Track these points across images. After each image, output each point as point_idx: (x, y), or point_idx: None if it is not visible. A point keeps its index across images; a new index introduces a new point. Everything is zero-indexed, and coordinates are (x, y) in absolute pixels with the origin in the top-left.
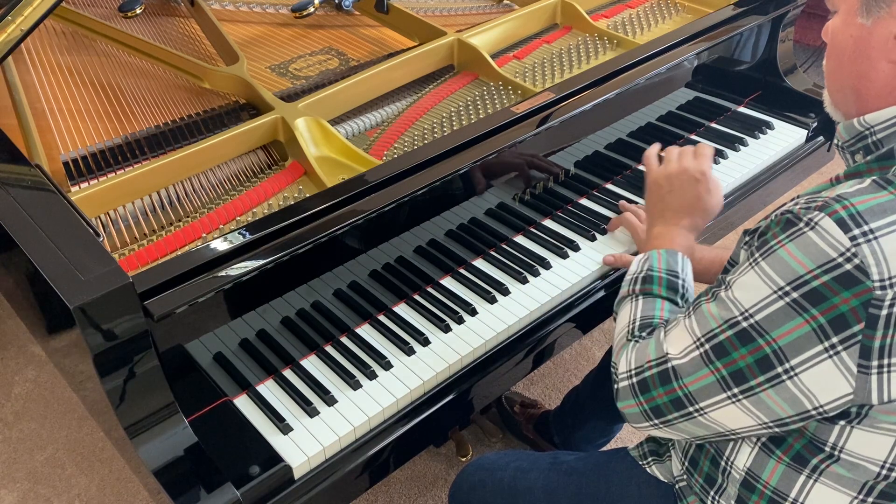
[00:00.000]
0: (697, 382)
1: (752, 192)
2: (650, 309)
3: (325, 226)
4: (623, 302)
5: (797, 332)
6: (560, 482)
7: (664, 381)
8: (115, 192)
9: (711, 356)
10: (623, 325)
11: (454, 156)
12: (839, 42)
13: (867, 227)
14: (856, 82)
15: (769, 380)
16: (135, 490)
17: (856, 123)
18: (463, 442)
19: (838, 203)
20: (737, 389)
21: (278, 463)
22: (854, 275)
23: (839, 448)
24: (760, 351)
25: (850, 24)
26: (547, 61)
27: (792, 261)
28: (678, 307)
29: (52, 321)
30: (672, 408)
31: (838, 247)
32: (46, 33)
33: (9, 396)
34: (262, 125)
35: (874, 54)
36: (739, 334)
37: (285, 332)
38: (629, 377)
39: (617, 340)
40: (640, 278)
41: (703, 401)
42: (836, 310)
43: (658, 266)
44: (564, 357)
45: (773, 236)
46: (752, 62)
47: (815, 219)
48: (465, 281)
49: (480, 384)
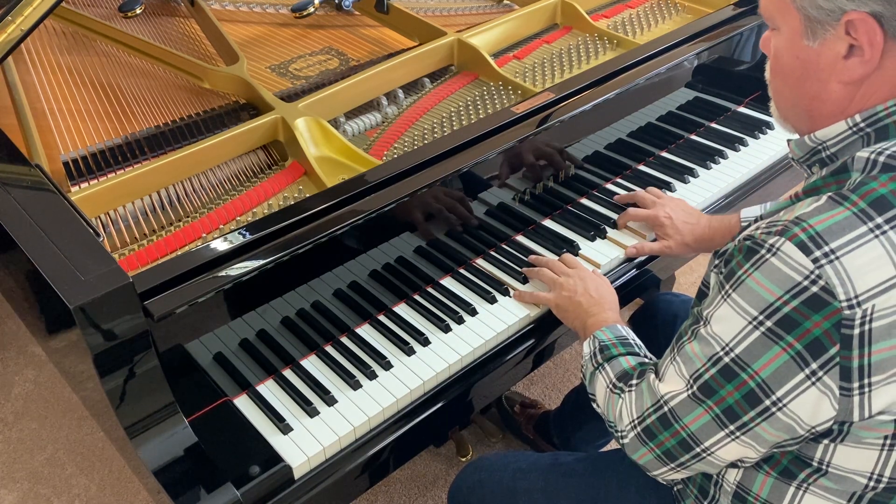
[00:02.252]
0: (696, 422)
1: (751, 192)
2: (618, 366)
3: (325, 226)
4: (592, 377)
5: (776, 361)
6: (559, 483)
7: (665, 424)
8: (115, 192)
9: (700, 395)
10: (603, 391)
11: (454, 156)
12: (785, 63)
13: (827, 247)
14: (808, 103)
15: (760, 414)
16: (135, 490)
17: (807, 140)
18: (463, 442)
19: (797, 226)
20: (732, 426)
21: (278, 463)
22: (821, 297)
23: (826, 463)
24: (745, 386)
25: (795, 45)
26: (547, 61)
27: (760, 289)
28: (641, 356)
29: (52, 321)
30: (681, 450)
31: (802, 270)
32: (46, 33)
33: (9, 396)
34: (262, 125)
35: (823, 76)
36: (723, 371)
37: (285, 332)
38: (633, 427)
39: (605, 403)
40: (597, 351)
41: (706, 441)
42: (809, 334)
43: (606, 337)
44: (564, 357)
45: (739, 265)
46: (752, 62)
47: (776, 244)
48: (465, 281)
49: (480, 384)
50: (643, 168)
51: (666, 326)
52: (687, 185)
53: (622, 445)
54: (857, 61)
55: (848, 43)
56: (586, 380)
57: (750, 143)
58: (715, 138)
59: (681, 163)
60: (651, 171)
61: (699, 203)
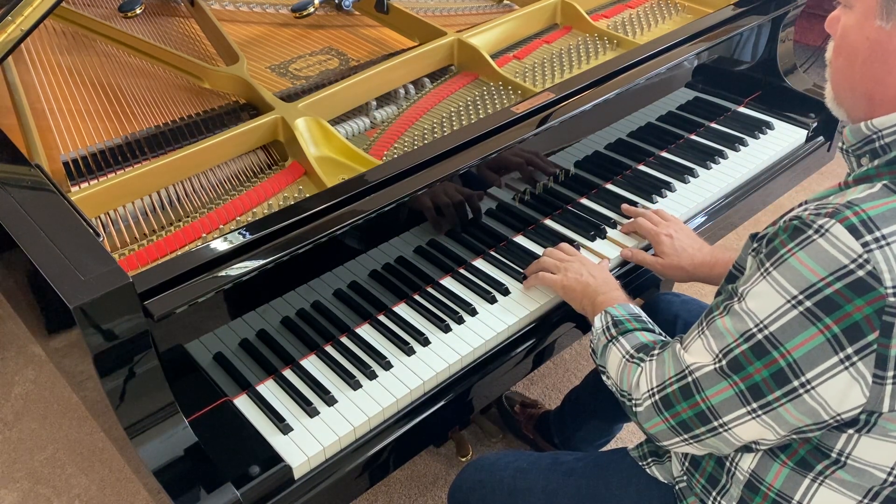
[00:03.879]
0: (718, 396)
1: (752, 192)
2: (635, 339)
3: (325, 226)
4: (605, 349)
5: (811, 342)
6: (559, 482)
7: (686, 394)
8: (115, 192)
9: (727, 370)
10: (618, 360)
11: (454, 156)
12: (851, 42)
13: (879, 232)
14: (869, 86)
15: (786, 394)
16: (135, 490)
17: (863, 127)
18: (463, 442)
19: (849, 209)
20: (755, 405)
21: (278, 463)
22: (867, 281)
23: (846, 454)
24: (775, 364)
25: (866, 25)
26: (547, 61)
27: (804, 269)
28: (657, 334)
29: (52, 321)
30: (698, 422)
31: (850, 253)
32: (46, 33)
33: (9, 396)
34: (262, 125)
35: (891, 59)
36: (754, 347)
37: (285, 332)
38: (651, 395)
39: (619, 373)
40: (611, 324)
41: (726, 415)
42: (849, 318)
43: (619, 313)
44: (564, 357)
45: (782, 244)
46: (752, 62)
47: (825, 225)
48: (465, 281)
49: (480, 384)
50: (643, 168)
51: (665, 326)
52: (687, 185)
53: (634, 414)
54: None
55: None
56: (597, 353)
57: (750, 143)
58: (715, 138)
59: (681, 163)
60: (651, 171)
61: (699, 203)
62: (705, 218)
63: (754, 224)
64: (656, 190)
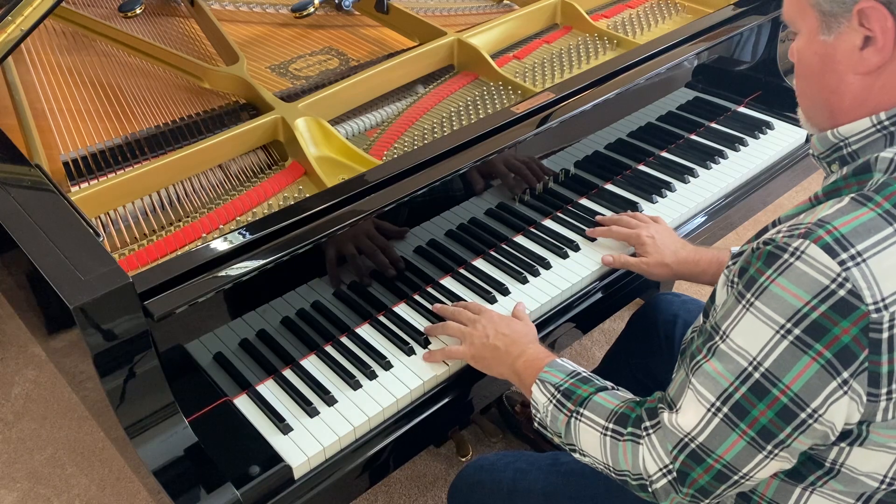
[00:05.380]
0: (731, 451)
1: (752, 192)
2: (601, 408)
3: (325, 226)
4: (569, 427)
5: (807, 372)
6: (559, 483)
7: (697, 461)
8: (115, 192)
9: (733, 419)
10: (596, 440)
11: (454, 156)
12: (805, 60)
13: (854, 250)
14: (827, 97)
15: (796, 428)
16: (135, 490)
17: (829, 136)
18: (463, 442)
19: (821, 228)
20: (770, 446)
21: (278, 463)
22: (849, 300)
23: (839, 464)
24: (778, 402)
25: (813, 42)
26: (547, 61)
27: (787, 295)
28: (610, 388)
29: (52, 321)
30: (717, 483)
31: (829, 273)
32: (46, 33)
33: (9, 396)
34: (262, 125)
35: (840, 68)
36: (754, 388)
37: (285, 332)
38: (665, 473)
39: (606, 454)
40: (559, 396)
41: (744, 467)
42: (838, 342)
43: (558, 379)
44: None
45: (759, 272)
46: (751, 62)
47: (800, 247)
48: (465, 281)
49: (480, 384)
50: (643, 168)
51: (666, 326)
52: (687, 185)
53: (650, 494)
54: (871, 51)
55: (863, 34)
56: (555, 429)
57: (750, 143)
58: (715, 138)
59: (681, 163)
60: (651, 171)
61: (699, 203)
62: (705, 218)
63: (754, 224)
64: (656, 190)
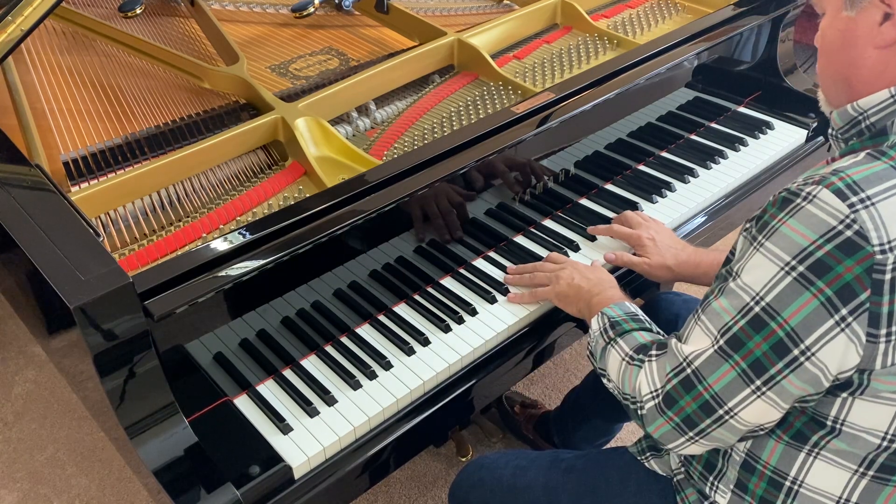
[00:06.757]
0: (720, 381)
1: (752, 192)
2: (633, 340)
3: (325, 226)
4: (604, 352)
5: (806, 308)
6: (559, 479)
7: (688, 387)
8: (115, 192)
9: (728, 350)
10: (618, 363)
11: (454, 156)
12: (828, 38)
13: (864, 193)
14: (846, 71)
15: (787, 365)
16: (135, 490)
17: (849, 109)
18: (463, 442)
19: (834, 175)
20: (759, 381)
21: (278, 463)
22: (855, 241)
23: (841, 421)
24: (774, 336)
25: (836, 18)
26: (547, 61)
27: (794, 234)
28: (654, 332)
29: (52, 321)
30: (703, 414)
31: (837, 215)
32: (46, 33)
33: (9, 396)
34: (262, 125)
35: (861, 42)
36: (752, 321)
37: (285, 332)
38: (654, 396)
39: (620, 377)
40: (608, 327)
41: (730, 400)
42: (841, 279)
43: (615, 313)
44: (564, 357)
45: (772, 216)
46: (752, 62)
47: (812, 192)
48: (465, 281)
49: (480, 384)
50: (643, 168)
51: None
52: (687, 185)
53: (639, 418)
54: (889, 25)
55: (883, 11)
56: (596, 356)
57: (750, 143)
58: (715, 138)
59: (681, 163)
60: (651, 171)
61: (699, 203)
62: (705, 218)
63: None
64: (656, 190)
